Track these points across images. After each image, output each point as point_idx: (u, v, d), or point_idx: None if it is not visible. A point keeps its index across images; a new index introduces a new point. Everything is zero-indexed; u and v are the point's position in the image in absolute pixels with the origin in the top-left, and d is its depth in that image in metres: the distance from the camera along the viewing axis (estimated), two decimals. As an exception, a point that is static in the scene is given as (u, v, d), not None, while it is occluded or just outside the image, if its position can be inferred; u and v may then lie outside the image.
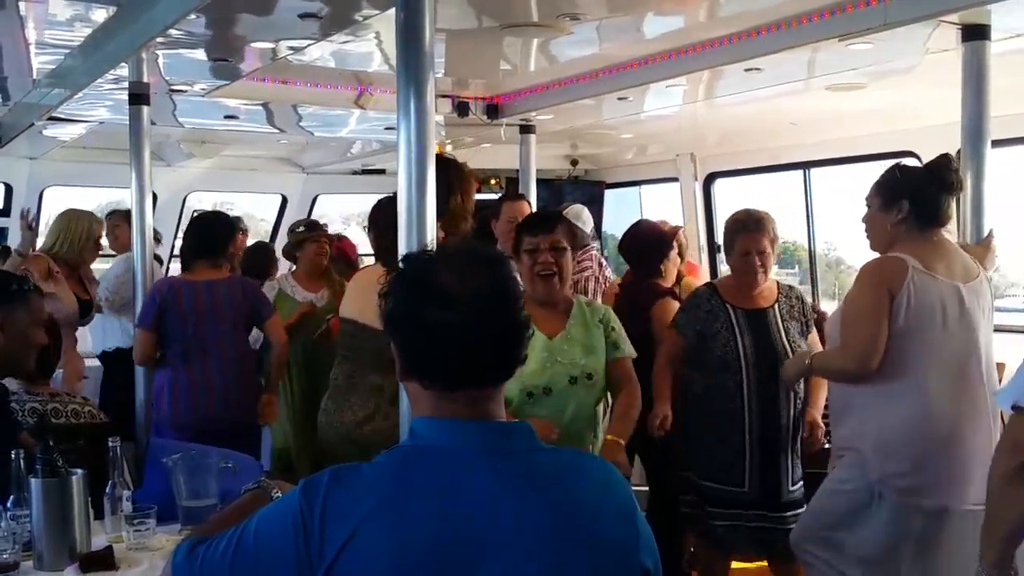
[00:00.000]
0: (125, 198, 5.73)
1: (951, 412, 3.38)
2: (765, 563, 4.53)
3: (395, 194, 3.02)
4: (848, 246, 3.80)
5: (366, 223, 4.69)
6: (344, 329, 3.97)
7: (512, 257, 3.68)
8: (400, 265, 1.81)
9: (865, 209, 3.65)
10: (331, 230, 6.81)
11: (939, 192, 3.50)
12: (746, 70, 4.80)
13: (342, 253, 6.51)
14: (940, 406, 3.37)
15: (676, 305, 4.74)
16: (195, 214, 5.47)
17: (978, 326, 3.46)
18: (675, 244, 5.44)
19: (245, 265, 6.34)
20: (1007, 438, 2.50)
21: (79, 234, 5.92)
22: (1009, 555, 2.46)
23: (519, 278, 1.98)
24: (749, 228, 4.30)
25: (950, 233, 3.68)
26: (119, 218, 6.44)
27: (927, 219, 3.50)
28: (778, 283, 4.47)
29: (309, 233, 6.19)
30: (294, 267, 6.25)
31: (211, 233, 5.15)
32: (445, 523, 1.61)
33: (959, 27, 3.91)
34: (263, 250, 7.01)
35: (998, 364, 3.63)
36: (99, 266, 6.48)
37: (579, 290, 5.41)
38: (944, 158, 3.57)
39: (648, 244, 5.24)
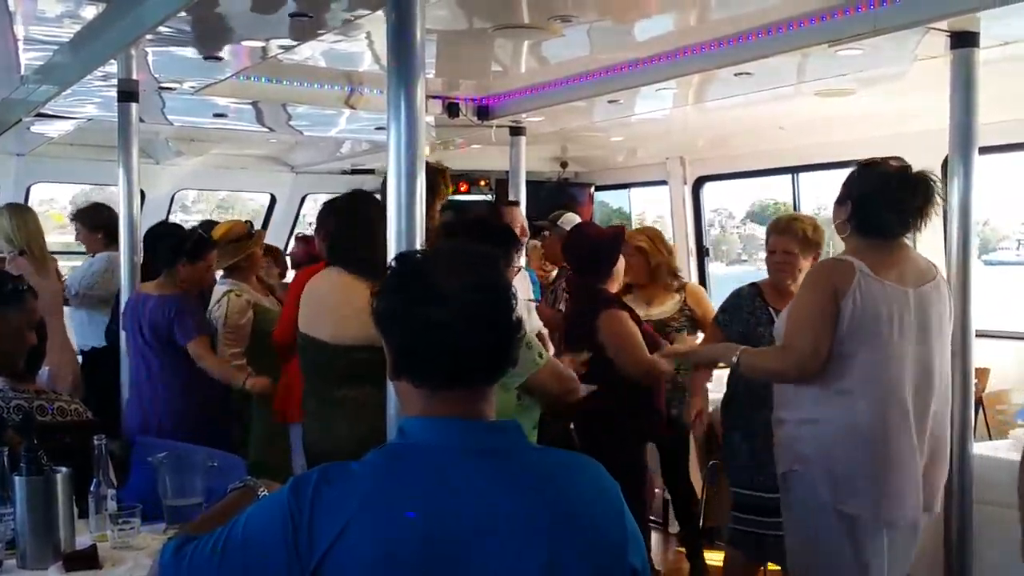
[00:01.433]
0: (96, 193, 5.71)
1: (885, 423, 3.32)
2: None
3: (350, 194, 2.99)
4: (837, 249, 3.78)
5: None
6: (301, 344, 3.88)
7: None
8: (393, 264, 1.81)
9: None
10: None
11: (881, 207, 3.37)
12: (736, 74, 4.81)
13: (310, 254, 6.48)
14: (875, 416, 3.32)
15: (625, 315, 4.56)
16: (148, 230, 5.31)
17: (929, 334, 3.39)
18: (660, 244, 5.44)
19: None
20: None
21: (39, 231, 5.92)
22: None
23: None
24: (779, 227, 4.36)
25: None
26: (80, 221, 6.42)
27: (866, 229, 3.41)
28: None
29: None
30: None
31: (153, 253, 5.10)
32: (434, 521, 1.61)
33: (948, 34, 3.92)
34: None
35: (981, 369, 3.63)
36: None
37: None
38: (903, 174, 3.39)
39: (597, 247, 4.77)
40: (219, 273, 5.49)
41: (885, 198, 3.36)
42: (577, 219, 6.20)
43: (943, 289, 3.49)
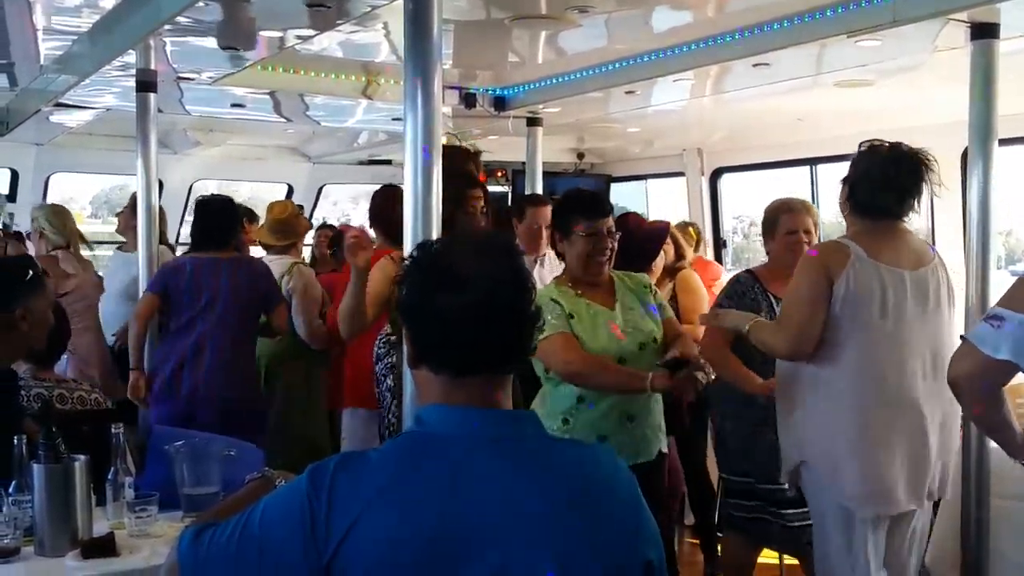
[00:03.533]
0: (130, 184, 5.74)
1: (880, 406, 3.32)
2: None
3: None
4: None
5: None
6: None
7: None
8: (412, 253, 1.82)
9: None
10: (338, 211, 6.83)
11: (872, 185, 3.41)
12: (754, 65, 4.79)
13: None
14: (868, 400, 3.33)
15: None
16: (200, 199, 5.38)
17: (927, 316, 3.39)
18: (683, 239, 5.42)
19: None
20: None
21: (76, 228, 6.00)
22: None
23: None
24: (794, 208, 4.27)
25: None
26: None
27: (861, 208, 3.45)
28: None
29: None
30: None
31: (215, 224, 5.12)
32: (449, 509, 1.62)
33: (968, 25, 3.89)
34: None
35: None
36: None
37: None
38: (893, 152, 3.43)
39: (643, 240, 4.90)
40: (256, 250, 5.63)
41: (875, 176, 3.41)
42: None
43: (940, 272, 3.49)
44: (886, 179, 3.39)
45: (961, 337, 2.53)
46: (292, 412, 5.55)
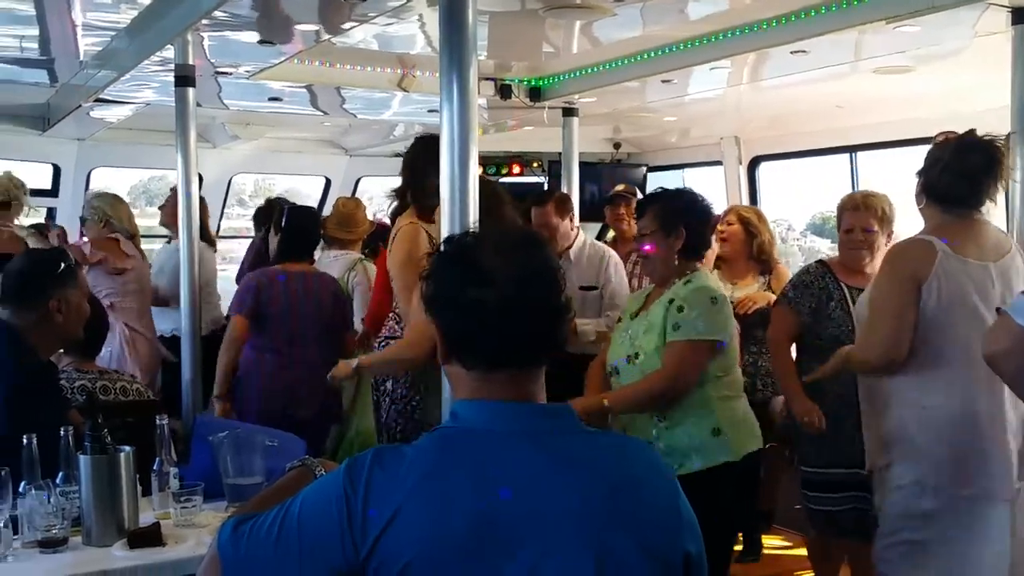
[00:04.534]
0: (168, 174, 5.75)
1: (984, 401, 3.26)
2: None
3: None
4: (906, 231, 3.73)
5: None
6: None
7: None
8: (441, 247, 1.82)
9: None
10: (376, 204, 6.87)
11: (944, 171, 3.34)
12: (792, 52, 4.75)
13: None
14: (973, 395, 3.27)
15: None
16: (291, 207, 5.38)
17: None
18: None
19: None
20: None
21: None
22: None
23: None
24: (855, 205, 4.25)
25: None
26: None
27: (935, 197, 3.38)
28: None
29: None
30: None
31: (306, 235, 5.17)
32: (485, 504, 1.62)
33: (1009, 9, 3.85)
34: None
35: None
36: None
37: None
38: (965, 138, 3.37)
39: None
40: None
41: (947, 162, 3.34)
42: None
43: (1019, 259, 3.42)
44: (958, 164, 3.33)
45: (997, 310, 2.48)
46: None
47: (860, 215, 4.23)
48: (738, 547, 5.44)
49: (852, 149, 7.29)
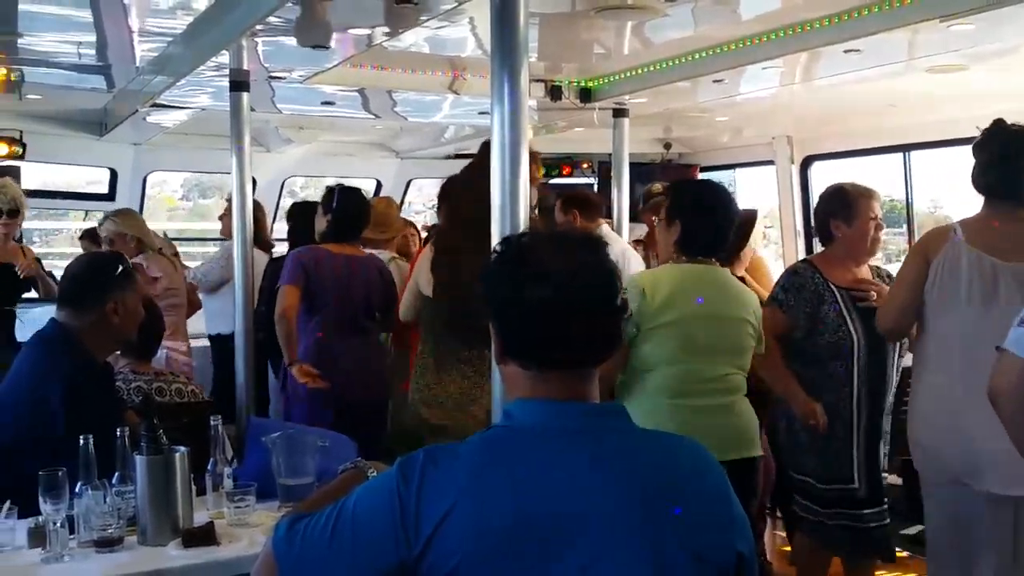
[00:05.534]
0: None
1: (966, 391, 3.18)
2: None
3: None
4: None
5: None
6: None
7: None
8: (498, 248, 1.83)
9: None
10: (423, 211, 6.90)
11: (987, 163, 3.39)
12: (844, 52, 4.70)
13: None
14: (956, 382, 3.29)
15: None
16: (340, 187, 5.20)
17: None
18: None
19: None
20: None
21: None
22: None
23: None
24: (872, 194, 4.10)
25: None
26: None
27: (979, 189, 3.43)
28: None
29: None
30: None
31: (356, 216, 5.08)
32: (537, 502, 1.63)
33: (1067, 5, 3.78)
34: None
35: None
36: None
37: None
38: (991, 128, 3.40)
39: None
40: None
41: (992, 155, 3.39)
42: None
43: None
44: (1002, 159, 3.36)
45: (998, 348, 2.35)
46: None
47: (874, 203, 4.09)
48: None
49: (905, 148, 7.22)
